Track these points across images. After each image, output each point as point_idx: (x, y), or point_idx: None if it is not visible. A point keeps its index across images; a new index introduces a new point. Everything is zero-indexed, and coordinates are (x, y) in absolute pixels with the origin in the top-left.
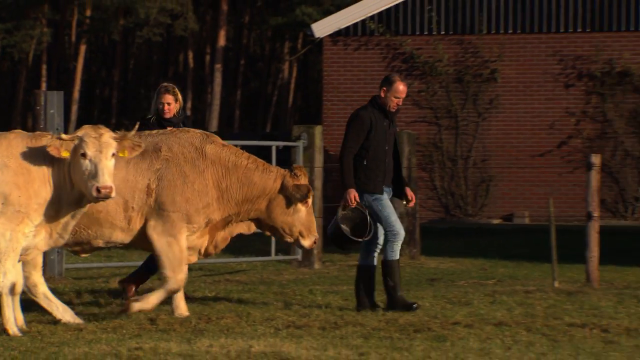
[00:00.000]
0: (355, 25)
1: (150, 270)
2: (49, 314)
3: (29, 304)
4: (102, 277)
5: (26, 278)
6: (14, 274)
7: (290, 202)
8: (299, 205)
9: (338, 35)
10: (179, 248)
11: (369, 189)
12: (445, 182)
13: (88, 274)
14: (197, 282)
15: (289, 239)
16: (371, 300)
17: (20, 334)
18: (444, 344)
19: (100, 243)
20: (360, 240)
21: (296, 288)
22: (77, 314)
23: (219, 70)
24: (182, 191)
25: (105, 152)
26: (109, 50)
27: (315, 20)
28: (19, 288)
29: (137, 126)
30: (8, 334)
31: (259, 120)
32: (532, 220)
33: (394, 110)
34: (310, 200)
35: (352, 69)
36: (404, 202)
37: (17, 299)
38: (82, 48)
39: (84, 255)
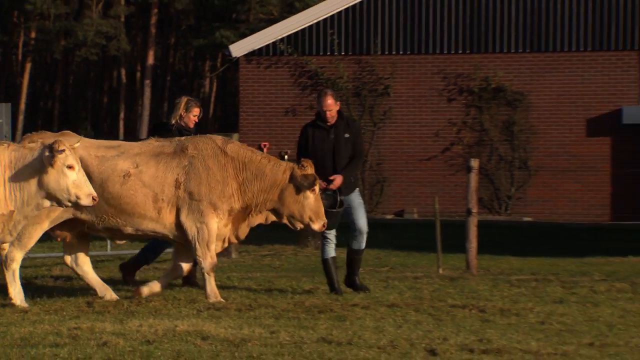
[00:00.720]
0: (267, 46)
1: (147, 258)
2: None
3: None
4: (45, 265)
5: (9, 251)
6: None
7: (299, 190)
8: (308, 193)
9: (252, 55)
10: (208, 233)
11: None
12: None
13: (33, 263)
14: None
15: (300, 225)
16: (337, 284)
17: None
18: (344, 323)
19: (129, 230)
20: (334, 210)
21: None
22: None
23: (148, 85)
24: (207, 182)
25: (80, 164)
26: (51, 68)
27: (233, 42)
28: None
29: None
30: None
31: None
32: (420, 216)
33: (330, 121)
34: (317, 188)
35: (264, 84)
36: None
37: None
38: (28, 65)
39: (119, 241)
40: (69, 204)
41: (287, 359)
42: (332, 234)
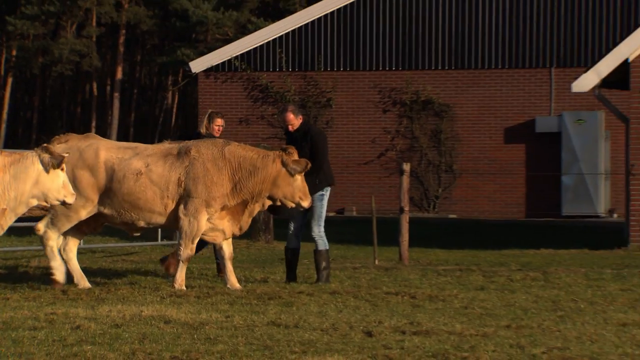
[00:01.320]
0: (223, 63)
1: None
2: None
3: None
4: (25, 257)
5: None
6: None
7: (290, 175)
8: (296, 176)
9: (210, 71)
10: (197, 227)
11: None
12: None
13: (14, 255)
14: (99, 262)
15: (292, 204)
16: (294, 274)
17: None
18: (291, 308)
19: (142, 224)
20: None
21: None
22: (5, 287)
23: (117, 97)
24: (204, 182)
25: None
26: (30, 82)
27: (192, 59)
28: None
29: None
30: None
31: (148, 137)
32: (359, 213)
33: (291, 131)
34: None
35: (221, 97)
36: None
37: None
38: (9, 80)
39: (135, 234)
40: (56, 203)
41: (240, 340)
42: (292, 227)
